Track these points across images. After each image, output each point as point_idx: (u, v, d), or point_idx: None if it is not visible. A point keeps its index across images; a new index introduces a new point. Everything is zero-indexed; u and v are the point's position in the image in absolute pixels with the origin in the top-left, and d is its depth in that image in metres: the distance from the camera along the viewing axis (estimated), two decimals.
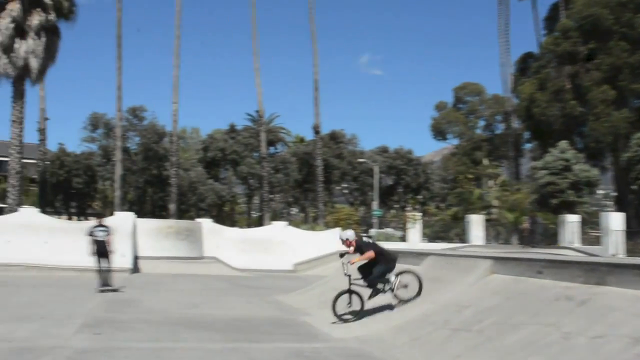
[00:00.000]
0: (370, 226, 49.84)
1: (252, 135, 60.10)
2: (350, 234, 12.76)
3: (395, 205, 66.07)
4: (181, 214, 49.25)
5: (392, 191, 66.62)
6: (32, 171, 56.69)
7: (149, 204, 57.01)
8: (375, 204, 53.26)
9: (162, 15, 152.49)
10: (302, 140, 70.42)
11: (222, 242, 31.34)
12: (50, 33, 36.21)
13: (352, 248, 12.53)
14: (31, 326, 11.40)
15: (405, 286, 12.47)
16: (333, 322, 12.27)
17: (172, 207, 44.40)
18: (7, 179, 37.04)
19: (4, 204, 38.17)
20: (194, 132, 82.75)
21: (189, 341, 10.58)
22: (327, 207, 53.98)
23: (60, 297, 16.90)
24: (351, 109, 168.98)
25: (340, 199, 69.46)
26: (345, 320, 12.26)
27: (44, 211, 31.54)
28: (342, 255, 12.75)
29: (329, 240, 33.68)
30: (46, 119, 51.14)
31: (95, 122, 59.23)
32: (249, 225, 56.54)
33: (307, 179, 60.45)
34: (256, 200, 65.43)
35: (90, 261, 17.53)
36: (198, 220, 35.60)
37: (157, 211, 53.80)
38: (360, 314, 12.29)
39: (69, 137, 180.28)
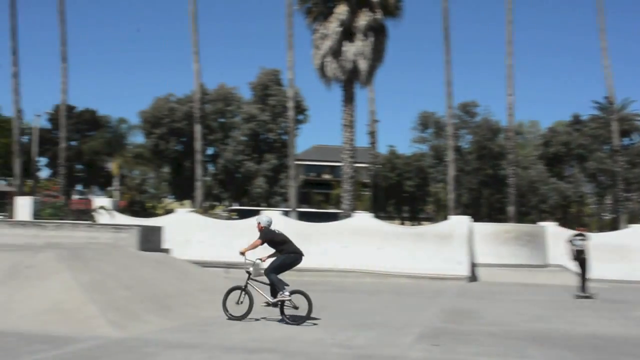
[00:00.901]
0: None
1: (600, 126, 57.23)
2: (264, 219, 13.13)
3: None
4: (521, 217, 48.59)
5: None
6: (364, 175, 60.63)
7: (484, 206, 57.51)
8: None
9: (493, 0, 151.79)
10: None
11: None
12: (377, 32, 38.10)
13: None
14: (369, 334, 12.10)
15: (296, 308, 12.65)
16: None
17: (510, 209, 43.91)
18: (341, 184, 40.01)
19: (339, 209, 41.31)
20: (532, 125, 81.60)
21: (537, 359, 10.31)
22: None
23: (396, 304, 17.75)
24: None
25: None
26: (232, 319, 12.84)
27: (377, 216, 33.42)
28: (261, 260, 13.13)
29: None
30: (376, 121, 53.99)
31: (425, 122, 61.64)
32: (601, 229, 53.82)
33: None
34: (608, 200, 62.18)
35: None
36: (540, 223, 34.82)
37: (494, 214, 53.96)
38: (245, 317, 12.84)
39: (399, 138, 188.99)
